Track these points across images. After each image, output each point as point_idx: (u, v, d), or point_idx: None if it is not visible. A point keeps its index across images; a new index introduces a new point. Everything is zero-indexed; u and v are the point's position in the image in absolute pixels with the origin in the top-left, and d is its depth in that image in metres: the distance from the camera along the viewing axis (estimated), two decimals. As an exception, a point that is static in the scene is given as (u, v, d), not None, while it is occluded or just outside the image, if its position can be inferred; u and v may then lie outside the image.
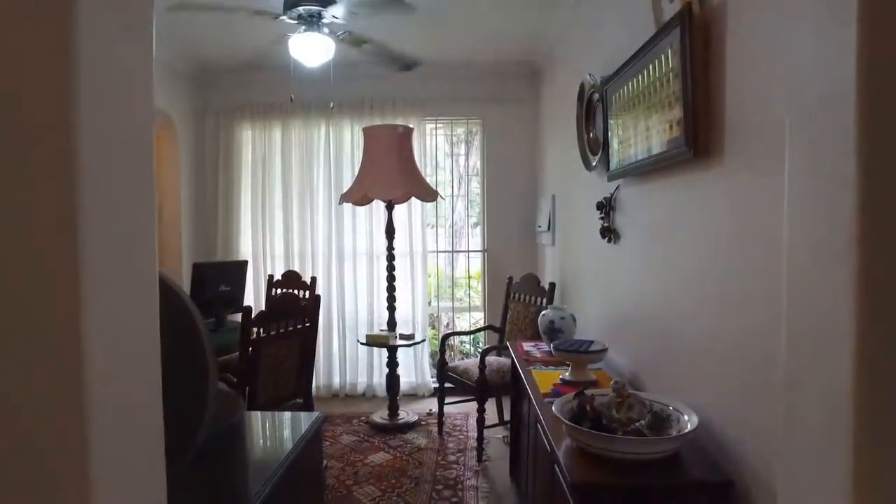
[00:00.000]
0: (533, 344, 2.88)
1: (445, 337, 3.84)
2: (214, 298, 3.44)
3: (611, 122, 2.38)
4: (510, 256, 4.67)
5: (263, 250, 4.74)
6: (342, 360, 4.70)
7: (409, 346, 3.99)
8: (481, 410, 3.35)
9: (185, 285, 3.48)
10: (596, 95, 2.64)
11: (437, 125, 4.88)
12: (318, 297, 3.04)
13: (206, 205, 4.79)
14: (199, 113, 4.74)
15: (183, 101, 4.56)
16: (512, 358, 2.75)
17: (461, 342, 5.66)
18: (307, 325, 2.95)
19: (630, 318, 2.32)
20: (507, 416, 3.81)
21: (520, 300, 3.83)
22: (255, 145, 4.73)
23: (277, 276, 4.32)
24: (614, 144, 2.35)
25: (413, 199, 4.05)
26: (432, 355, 4.92)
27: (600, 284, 2.77)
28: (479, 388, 3.31)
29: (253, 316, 2.64)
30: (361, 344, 3.92)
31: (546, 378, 2.25)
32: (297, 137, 4.68)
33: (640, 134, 2.04)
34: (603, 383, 2.14)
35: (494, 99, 4.65)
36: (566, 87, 3.38)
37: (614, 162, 2.36)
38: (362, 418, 4.12)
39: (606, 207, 2.54)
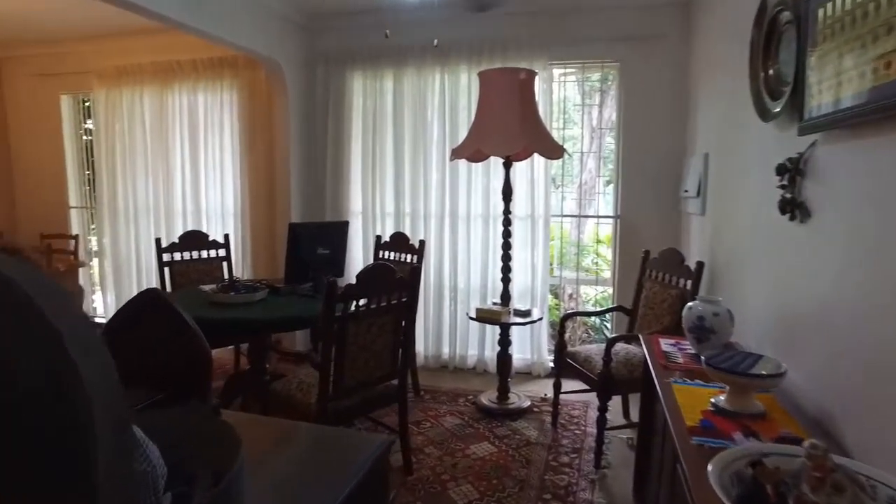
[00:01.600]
0: (673, 342, 2.29)
1: (565, 318, 3.32)
2: (312, 262, 3.21)
3: (810, 50, 1.68)
4: (648, 225, 3.99)
5: (373, 208, 4.47)
6: (452, 330, 4.36)
7: (523, 324, 3.54)
8: (603, 409, 2.83)
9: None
10: (786, 14, 1.91)
11: (567, 70, 4.23)
12: (417, 270, 2.67)
13: (315, 160, 4.60)
14: (309, 62, 4.50)
15: (293, 49, 4.33)
16: (645, 359, 2.19)
17: (583, 321, 5.08)
18: (404, 300, 2.60)
19: (818, 324, 1.67)
20: (633, 416, 3.26)
21: (657, 279, 3.20)
22: (366, 95, 4.41)
23: (386, 238, 4.04)
24: (813, 82, 1.66)
25: (535, 155, 3.52)
26: (552, 326, 4.43)
27: (772, 273, 2.10)
28: (603, 382, 2.79)
29: (339, 289, 2.33)
30: (471, 319, 3.52)
31: (691, 398, 1.70)
32: (409, 86, 4.28)
33: (865, 65, 1.35)
34: (775, 419, 1.55)
35: (635, 37, 3.89)
36: (733, 12, 2.61)
37: (811, 108, 1.67)
38: (469, 397, 3.78)
39: (791, 172, 1.85)
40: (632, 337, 3.04)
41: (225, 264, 4.14)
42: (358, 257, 4.54)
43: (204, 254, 4.08)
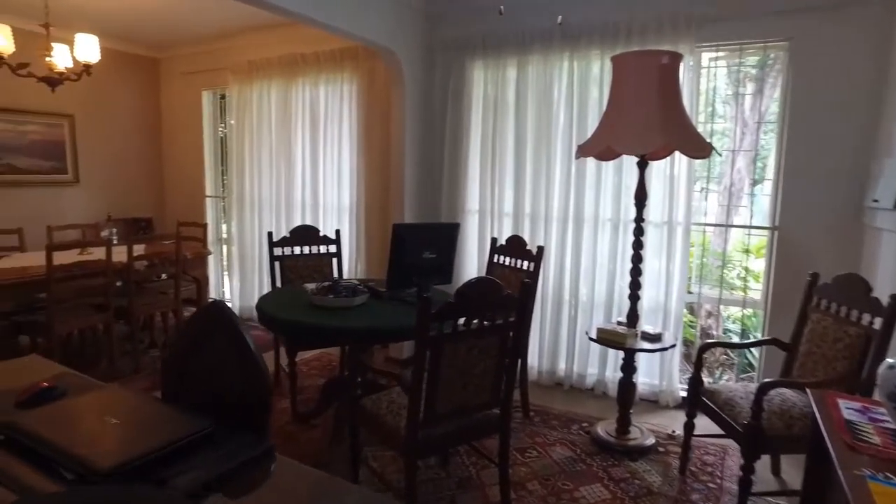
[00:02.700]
0: (859, 407, 1.73)
1: (704, 348, 2.78)
2: (417, 266, 2.97)
3: None
4: (815, 240, 3.29)
5: (491, 208, 4.16)
6: (570, 345, 3.94)
7: (652, 352, 3.06)
8: (748, 469, 2.30)
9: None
10: None
11: (719, 53, 3.61)
12: (529, 288, 2.32)
13: (432, 154, 4.38)
14: (428, 51, 4.26)
15: (411, 37, 4.12)
16: (814, 421, 1.68)
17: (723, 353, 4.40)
18: (511, 320, 2.27)
19: None
20: (788, 479, 2.68)
21: (829, 311, 2.57)
22: (487, 85, 4.10)
23: (502, 241, 3.72)
24: None
25: (676, 153, 3.01)
26: (685, 343, 3.86)
27: None
28: (750, 437, 2.27)
29: (436, 305, 2.05)
30: (591, 340, 3.10)
31: (896, 505, 1.20)
32: (533, 74, 3.90)
33: None
34: None
35: (815, 7, 3.19)
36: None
37: None
38: (584, 425, 3.36)
39: None
40: (792, 384, 2.46)
41: (335, 261, 4.06)
42: (472, 260, 4.27)
43: (314, 249, 4.02)
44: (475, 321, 2.16)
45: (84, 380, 1.68)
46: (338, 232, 4.11)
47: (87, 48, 3.75)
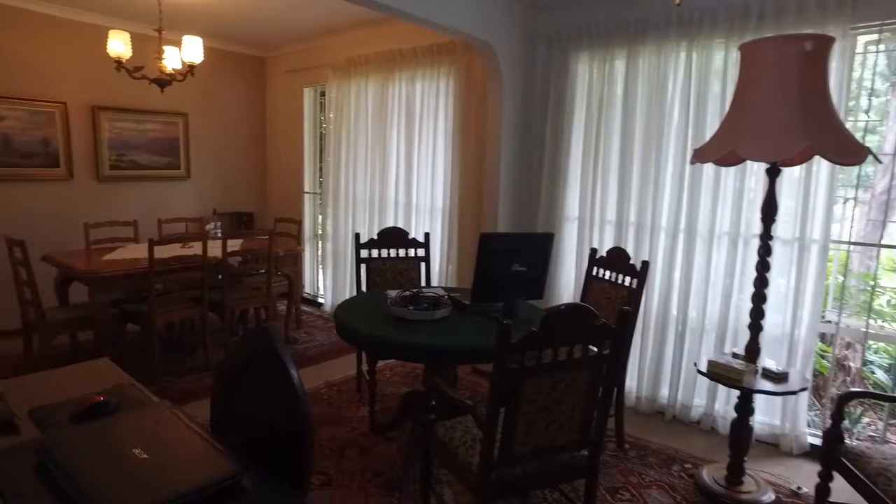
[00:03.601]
0: None
1: (847, 398, 2.30)
2: (506, 279, 2.72)
3: None
4: None
5: (591, 215, 3.81)
6: (675, 370, 3.52)
7: (775, 394, 2.60)
8: (904, 558, 1.84)
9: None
10: None
11: (882, 35, 3.01)
12: (627, 317, 1.99)
13: (530, 155, 4.08)
14: (529, 44, 3.97)
15: (510, 30, 3.84)
16: None
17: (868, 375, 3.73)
18: (606, 353, 1.96)
19: None
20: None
21: None
22: (593, 80, 3.74)
23: (602, 252, 3.37)
24: None
25: (817, 158, 2.53)
26: (816, 375, 3.31)
27: None
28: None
29: (518, 334, 1.79)
30: (701, 373, 2.69)
31: None
32: (645, 68, 3.49)
33: None
34: None
35: None
36: None
37: None
38: (687, 466, 2.96)
39: None
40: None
41: (423, 266, 3.89)
42: (568, 272, 3.95)
43: (402, 252, 3.88)
44: (563, 350, 1.87)
45: (139, 393, 1.63)
46: (427, 235, 3.94)
47: (193, 49, 3.84)
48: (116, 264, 3.81)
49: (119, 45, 3.69)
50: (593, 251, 3.41)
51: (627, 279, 3.09)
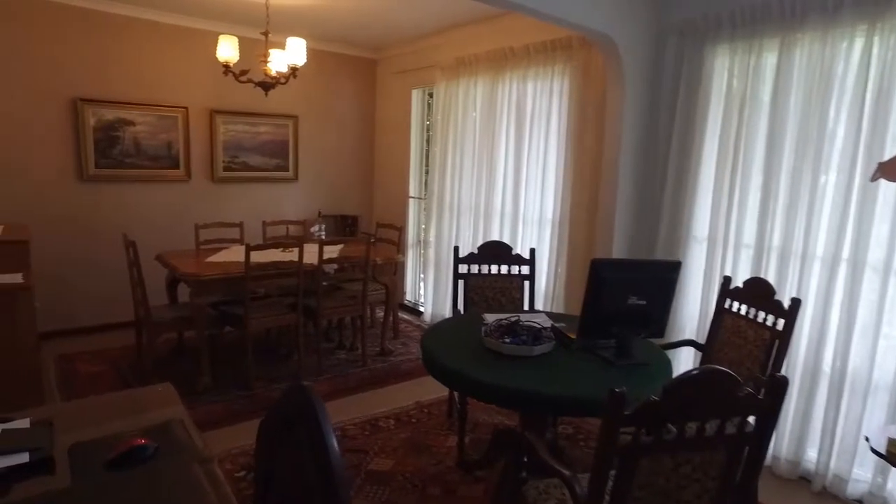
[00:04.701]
0: None
1: None
2: (620, 313, 2.30)
3: None
4: None
5: (725, 236, 3.24)
6: (827, 431, 2.86)
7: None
8: None
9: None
10: None
11: None
12: (781, 385, 1.51)
13: (654, 163, 3.58)
14: (656, 38, 3.46)
15: (634, 21, 3.36)
16: None
17: None
18: (745, 429, 1.50)
19: None
20: None
21: None
22: (733, 76, 3.17)
23: (738, 281, 2.83)
24: None
25: None
26: None
27: None
28: None
29: (635, 402, 1.40)
30: (876, 454, 2.09)
31: None
32: (803, 59, 2.87)
33: None
34: None
35: None
36: None
37: None
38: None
39: None
40: None
41: (526, 285, 3.54)
42: (692, 302, 3.41)
43: (504, 269, 3.55)
44: (690, 429, 1.45)
45: (186, 436, 1.46)
46: (532, 251, 3.58)
47: (296, 51, 3.76)
48: (215, 267, 3.82)
49: (228, 49, 3.69)
50: (727, 279, 2.87)
51: (771, 318, 2.53)
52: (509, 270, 3.55)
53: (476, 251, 3.54)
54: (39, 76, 4.42)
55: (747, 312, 2.68)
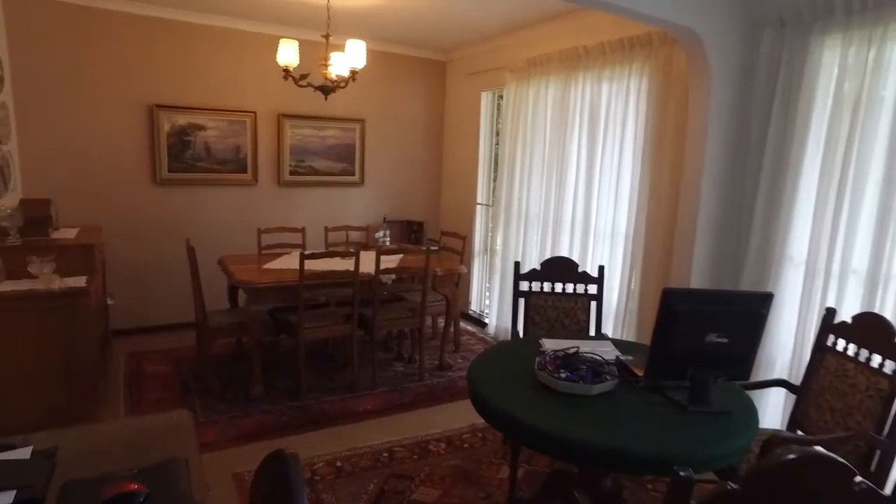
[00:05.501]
0: None
1: None
2: (696, 351, 1.97)
3: None
4: None
5: (828, 261, 2.79)
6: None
7: None
8: None
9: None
10: None
11: None
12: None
13: (744, 173, 3.16)
14: (749, 28, 3.04)
15: (722, 13, 2.97)
16: None
17: None
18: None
19: None
20: None
21: None
22: (845, 73, 2.70)
23: (845, 315, 2.41)
24: None
25: None
26: None
27: None
28: None
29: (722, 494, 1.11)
30: None
31: None
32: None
33: None
34: None
35: None
36: None
37: None
38: None
39: None
40: None
41: (593, 306, 3.23)
42: (784, 336, 2.96)
43: (570, 287, 3.26)
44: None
45: (186, 478, 1.31)
46: (601, 269, 3.27)
47: (356, 53, 3.63)
48: (271, 274, 3.77)
49: (288, 53, 3.62)
50: (830, 311, 2.45)
51: (889, 363, 2.11)
52: (574, 289, 3.26)
53: (539, 267, 3.27)
54: (124, 86, 4.58)
55: (856, 353, 2.26)
